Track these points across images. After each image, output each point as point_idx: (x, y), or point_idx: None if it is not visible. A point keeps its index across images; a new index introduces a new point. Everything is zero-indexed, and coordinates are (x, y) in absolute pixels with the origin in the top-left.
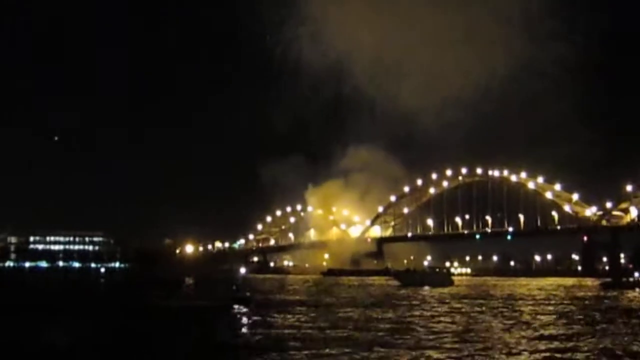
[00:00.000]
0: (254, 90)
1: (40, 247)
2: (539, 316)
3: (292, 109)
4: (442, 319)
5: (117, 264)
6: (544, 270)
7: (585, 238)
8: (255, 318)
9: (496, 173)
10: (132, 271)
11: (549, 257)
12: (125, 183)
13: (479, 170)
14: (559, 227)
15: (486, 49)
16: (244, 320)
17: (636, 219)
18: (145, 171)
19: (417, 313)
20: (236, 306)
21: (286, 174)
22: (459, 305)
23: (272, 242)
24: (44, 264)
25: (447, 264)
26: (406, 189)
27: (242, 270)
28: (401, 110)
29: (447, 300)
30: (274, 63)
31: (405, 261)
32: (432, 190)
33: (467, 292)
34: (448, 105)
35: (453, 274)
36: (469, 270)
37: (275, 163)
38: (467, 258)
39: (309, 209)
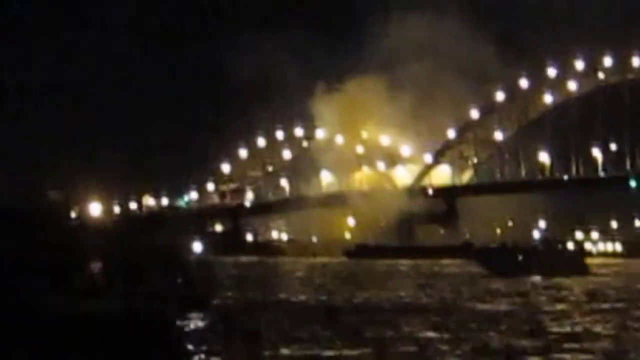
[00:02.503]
0: None
1: None
2: None
3: None
4: None
5: None
6: None
7: None
8: (217, 340)
9: None
10: None
11: None
12: None
13: (636, 62)
14: None
15: None
16: (195, 343)
17: None
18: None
19: None
20: (183, 313)
21: (276, 66)
22: None
23: (249, 195)
24: None
25: (579, 235)
26: (499, 95)
27: (196, 246)
28: None
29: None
30: None
31: (497, 230)
32: (547, 99)
33: (621, 290)
34: None
35: (589, 254)
36: (618, 247)
37: (257, 45)
38: (614, 225)
39: (319, 133)
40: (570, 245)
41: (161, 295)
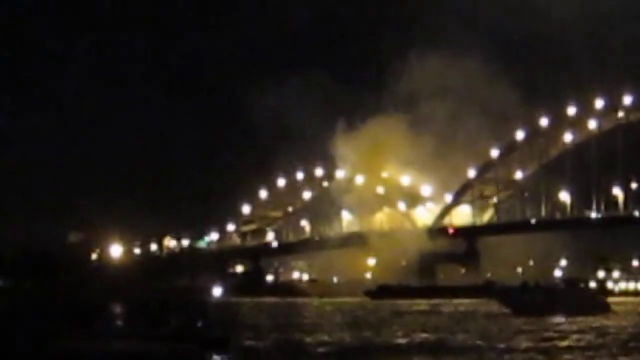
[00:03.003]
0: None
1: None
2: None
3: None
4: None
5: None
6: None
7: None
8: None
9: None
10: (12, 288)
11: None
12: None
13: None
14: None
15: None
16: None
17: None
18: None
19: None
20: (203, 355)
21: (296, 107)
22: None
23: (270, 236)
24: None
25: (600, 274)
26: (519, 134)
27: (216, 289)
28: None
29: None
30: None
31: (519, 269)
32: (567, 137)
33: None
34: None
35: (610, 293)
36: None
37: (278, 85)
38: (635, 263)
39: (339, 173)
40: (592, 284)
41: (180, 337)
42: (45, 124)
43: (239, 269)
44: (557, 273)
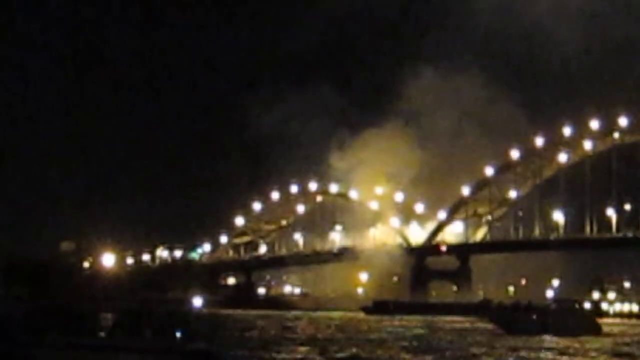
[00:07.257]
0: None
1: None
2: None
3: None
4: None
5: None
6: None
7: None
8: None
9: None
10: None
11: None
12: None
13: None
14: None
15: None
16: None
17: None
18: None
19: None
20: None
21: (293, 121)
22: None
23: (262, 249)
24: None
25: (595, 295)
26: (514, 154)
27: (195, 300)
28: None
29: None
30: None
31: (511, 289)
32: (562, 158)
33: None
34: None
35: (605, 314)
36: (635, 308)
37: (276, 100)
38: (627, 285)
39: (333, 188)
40: (586, 305)
41: (156, 349)
42: (37, 133)
43: (231, 280)
44: (550, 293)
